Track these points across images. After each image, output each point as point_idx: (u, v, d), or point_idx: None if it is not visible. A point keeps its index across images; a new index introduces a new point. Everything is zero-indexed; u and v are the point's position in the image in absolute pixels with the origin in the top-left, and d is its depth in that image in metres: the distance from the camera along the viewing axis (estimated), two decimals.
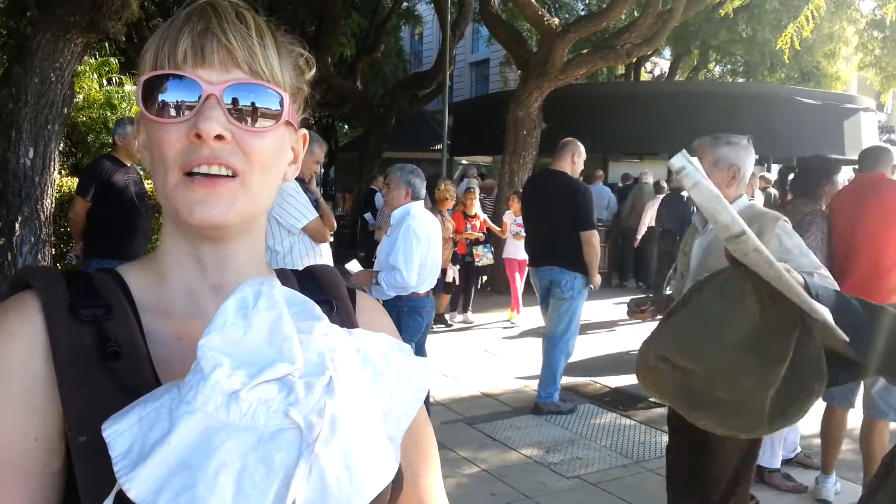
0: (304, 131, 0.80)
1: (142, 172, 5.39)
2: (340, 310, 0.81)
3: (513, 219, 8.14)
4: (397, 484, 0.64)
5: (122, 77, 9.60)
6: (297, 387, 0.58)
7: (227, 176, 0.69)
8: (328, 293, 0.83)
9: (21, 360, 0.66)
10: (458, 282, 7.99)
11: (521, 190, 6.98)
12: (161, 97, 0.68)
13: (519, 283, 8.21)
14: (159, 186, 0.72)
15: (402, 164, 4.43)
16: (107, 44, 9.57)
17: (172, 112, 0.68)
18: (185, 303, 0.75)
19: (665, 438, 4.73)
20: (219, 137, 0.67)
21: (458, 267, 7.87)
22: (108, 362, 0.67)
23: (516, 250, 8.02)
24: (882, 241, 3.65)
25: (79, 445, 0.64)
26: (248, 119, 0.69)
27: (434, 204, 7.72)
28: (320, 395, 0.57)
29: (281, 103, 0.71)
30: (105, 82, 9.37)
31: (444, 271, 7.15)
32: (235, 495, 0.53)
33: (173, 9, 17.63)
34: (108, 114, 8.61)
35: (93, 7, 5.60)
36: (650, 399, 5.27)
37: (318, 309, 0.63)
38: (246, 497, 0.53)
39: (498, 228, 8.53)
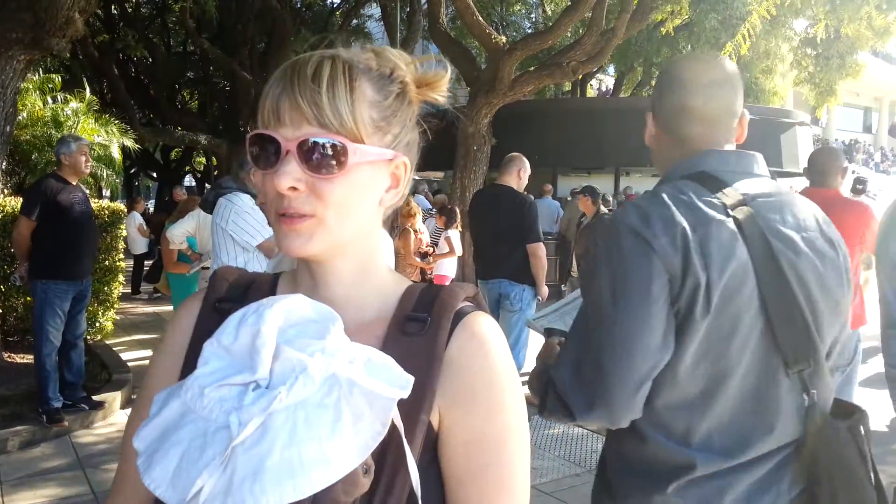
0: (404, 158, 0.86)
1: (87, 191, 5.29)
2: (428, 331, 0.83)
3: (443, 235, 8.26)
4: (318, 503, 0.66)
5: (67, 95, 9.41)
6: (247, 394, 0.67)
7: (303, 216, 0.80)
8: (429, 310, 0.84)
9: (176, 338, 0.90)
10: None
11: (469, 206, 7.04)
12: (255, 150, 0.82)
13: None
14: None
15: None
16: (48, 61, 9.37)
17: (265, 163, 0.81)
18: None
19: None
20: (292, 188, 0.79)
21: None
22: None
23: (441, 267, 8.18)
24: None
25: None
26: (318, 168, 0.78)
27: (396, 219, 7.80)
28: (261, 407, 0.65)
29: (344, 151, 0.78)
30: (50, 100, 9.17)
31: None
32: (174, 469, 0.66)
33: (119, 25, 17.35)
34: (53, 132, 8.42)
35: (35, 24, 5.51)
36: None
37: (330, 330, 0.72)
38: (179, 473, 0.66)
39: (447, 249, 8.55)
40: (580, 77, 16.63)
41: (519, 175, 5.29)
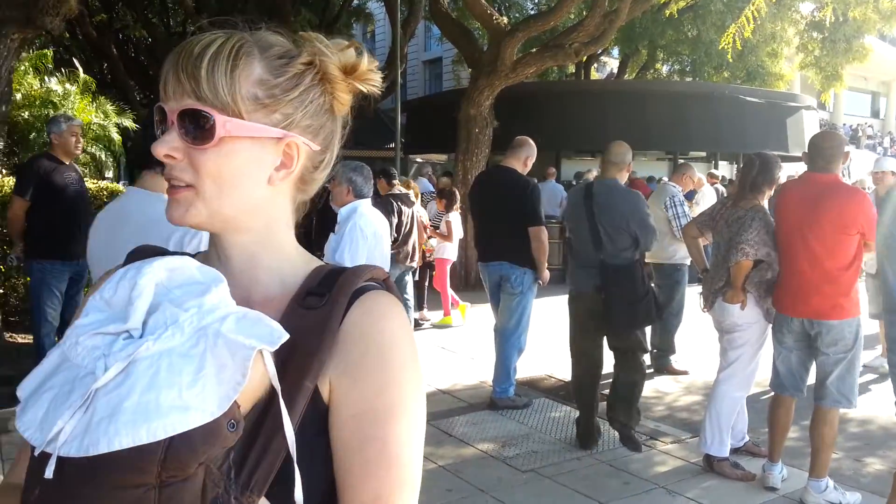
0: (297, 139, 0.86)
1: (86, 171, 5.24)
2: (325, 305, 0.84)
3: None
4: (173, 449, 0.66)
5: (58, 76, 9.32)
6: (117, 342, 0.70)
7: (185, 186, 0.83)
8: (331, 287, 0.86)
9: None
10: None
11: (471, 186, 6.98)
12: (156, 121, 0.86)
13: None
14: None
15: (347, 162, 4.35)
16: (43, 40, 9.29)
17: (160, 133, 0.85)
18: None
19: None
20: (169, 157, 0.83)
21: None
22: None
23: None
24: (838, 248, 3.61)
25: None
26: (191, 138, 0.82)
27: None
28: (127, 353, 0.68)
29: (213, 122, 0.81)
30: (46, 79, 9.09)
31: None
32: (44, 413, 0.69)
33: (118, 5, 17.22)
34: (51, 111, 8.36)
35: (28, 2, 5.42)
36: (602, 392, 5.34)
37: (211, 290, 0.74)
38: (47, 415, 0.68)
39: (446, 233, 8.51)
40: (584, 59, 16.47)
41: (525, 163, 5.23)
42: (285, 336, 0.73)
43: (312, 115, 0.87)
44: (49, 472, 0.67)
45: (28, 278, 5.53)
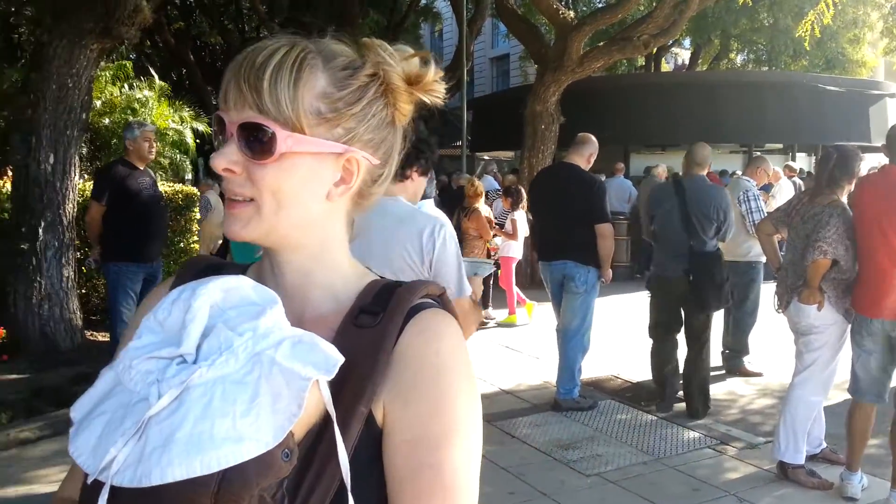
0: (357, 154, 0.84)
1: (157, 176, 5.43)
2: (379, 324, 0.82)
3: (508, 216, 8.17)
4: (227, 481, 0.65)
5: (136, 82, 9.68)
6: (170, 367, 0.68)
7: (244, 201, 0.81)
8: (385, 305, 0.83)
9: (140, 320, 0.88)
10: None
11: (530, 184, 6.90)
12: (215, 130, 0.85)
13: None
14: None
15: None
16: (125, 49, 9.67)
17: (218, 143, 0.84)
18: None
19: (687, 434, 4.68)
20: (228, 170, 0.81)
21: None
22: None
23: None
24: None
25: None
26: (252, 152, 0.80)
27: (463, 201, 7.79)
28: (180, 379, 0.67)
29: (274, 137, 0.79)
30: (126, 87, 9.46)
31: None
32: (97, 438, 0.68)
33: (194, 14, 17.82)
34: (130, 118, 8.70)
35: (106, 13, 5.66)
36: (674, 395, 5.21)
37: (266, 312, 0.72)
38: (100, 441, 0.68)
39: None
40: (654, 51, 16.10)
41: (589, 159, 5.23)
42: (340, 361, 0.71)
43: (374, 128, 0.85)
44: (102, 502, 0.66)
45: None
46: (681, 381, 5.19)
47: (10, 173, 6.05)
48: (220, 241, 10.01)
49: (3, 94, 8.76)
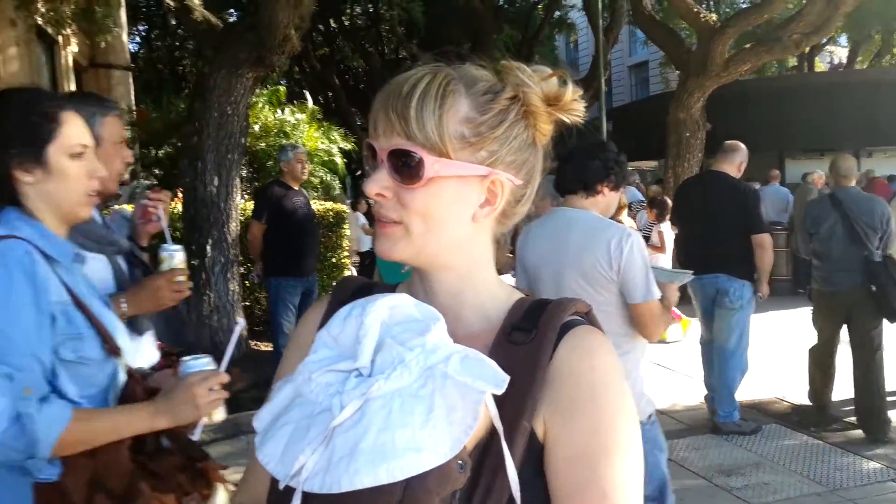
0: (501, 176, 0.86)
1: (312, 194, 5.68)
2: (533, 341, 0.83)
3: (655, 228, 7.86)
4: (410, 490, 0.67)
5: (290, 107, 10.20)
6: (349, 380, 0.71)
7: (394, 222, 0.85)
8: (536, 322, 0.85)
9: (304, 335, 0.96)
10: None
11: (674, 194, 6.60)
12: (366, 156, 0.89)
13: None
14: None
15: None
16: (277, 75, 10.22)
17: (370, 169, 0.88)
18: None
19: (866, 464, 4.28)
20: (380, 195, 0.85)
21: None
22: None
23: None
24: None
25: None
26: (401, 177, 0.83)
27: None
28: (360, 392, 0.69)
29: (422, 163, 0.82)
30: (279, 111, 9.99)
31: None
32: (284, 446, 0.72)
33: (337, 39, 18.66)
34: (283, 140, 9.15)
35: (259, 43, 6.02)
36: (847, 420, 4.79)
37: (431, 328, 0.75)
38: (287, 450, 0.71)
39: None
40: (806, 51, 15.12)
41: (739, 167, 4.96)
42: (507, 378, 0.72)
43: (516, 150, 0.87)
44: None
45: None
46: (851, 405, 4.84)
47: (180, 195, 6.50)
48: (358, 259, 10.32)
49: (172, 123, 9.50)
